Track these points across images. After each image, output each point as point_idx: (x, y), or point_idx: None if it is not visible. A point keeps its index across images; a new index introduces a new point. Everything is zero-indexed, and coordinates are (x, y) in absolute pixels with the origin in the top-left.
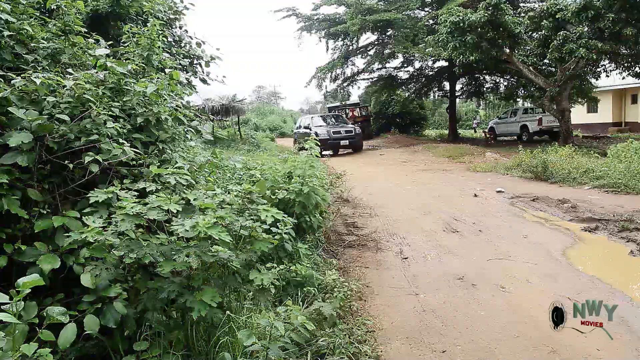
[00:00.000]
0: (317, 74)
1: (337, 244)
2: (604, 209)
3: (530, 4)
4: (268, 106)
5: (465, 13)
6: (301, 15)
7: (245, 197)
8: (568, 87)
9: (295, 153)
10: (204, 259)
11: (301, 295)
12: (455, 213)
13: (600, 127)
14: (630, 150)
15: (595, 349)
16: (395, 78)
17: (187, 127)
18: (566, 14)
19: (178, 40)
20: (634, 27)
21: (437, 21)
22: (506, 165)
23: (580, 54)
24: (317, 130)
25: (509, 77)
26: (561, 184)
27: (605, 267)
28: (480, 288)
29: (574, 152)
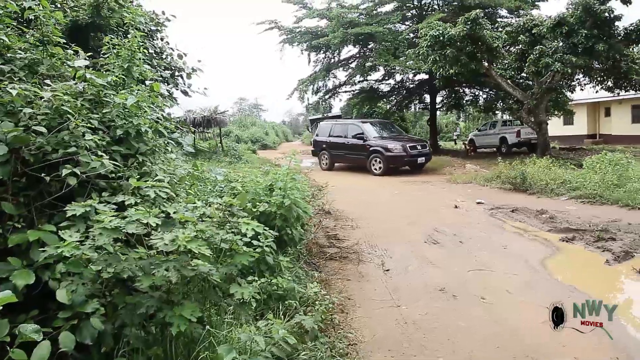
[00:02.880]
0: (299, 86)
1: (319, 257)
2: (580, 220)
3: (507, 19)
4: (250, 118)
5: (444, 27)
6: (283, 28)
7: (226, 210)
8: (545, 100)
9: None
10: (183, 273)
11: (283, 309)
12: (436, 224)
13: (576, 139)
14: (605, 162)
15: (573, 357)
16: (377, 90)
17: (167, 139)
18: (542, 30)
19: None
20: (606, 43)
21: (417, 35)
22: (486, 176)
23: (556, 68)
24: (388, 145)
25: (488, 90)
26: (539, 195)
27: (583, 277)
28: (461, 299)
29: (552, 164)
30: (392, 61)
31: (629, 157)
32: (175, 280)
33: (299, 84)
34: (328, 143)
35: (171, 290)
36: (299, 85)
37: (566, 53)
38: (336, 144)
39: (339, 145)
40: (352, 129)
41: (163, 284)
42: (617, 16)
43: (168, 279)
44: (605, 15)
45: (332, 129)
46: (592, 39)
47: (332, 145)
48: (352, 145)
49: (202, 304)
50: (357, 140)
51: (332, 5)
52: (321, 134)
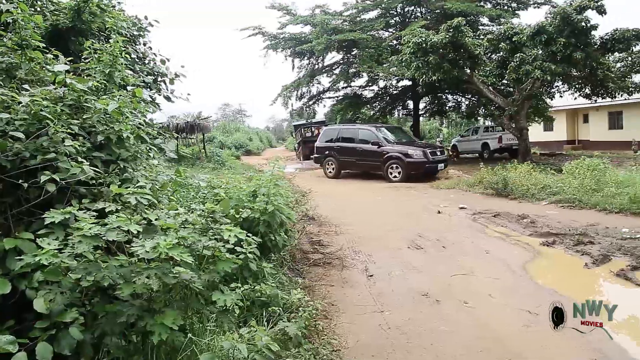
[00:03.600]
0: (283, 92)
1: (303, 263)
2: (560, 224)
3: (488, 27)
4: (234, 124)
5: (427, 34)
6: (267, 33)
7: (208, 216)
8: (525, 106)
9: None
10: (165, 281)
11: (266, 315)
12: (419, 230)
13: (556, 144)
14: (583, 167)
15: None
16: (361, 97)
17: (149, 145)
18: (522, 38)
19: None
20: (583, 51)
21: (400, 42)
22: (468, 182)
23: (536, 75)
24: (408, 150)
25: (470, 97)
26: (521, 200)
27: (563, 280)
28: (444, 304)
29: (532, 169)
30: (376, 67)
31: (606, 163)
32: (157, 288)
33: (283, 90)
34: (335, 149)
35: (152, 298)
36: (283, 91)
37: (545, 61)
38: (345, 150)
39: (348, 151)
40: (364, 134)
41: (144, 291)
42: (593, 25)
43: (149, 287)
44: (582, 25)
45: (338, 135)
46: (570, 48)
47: (340, 151)
48: (365, 151)
49: (184, 311)
50: (370, 146)
51: (316, 11)
52: (325, 140)
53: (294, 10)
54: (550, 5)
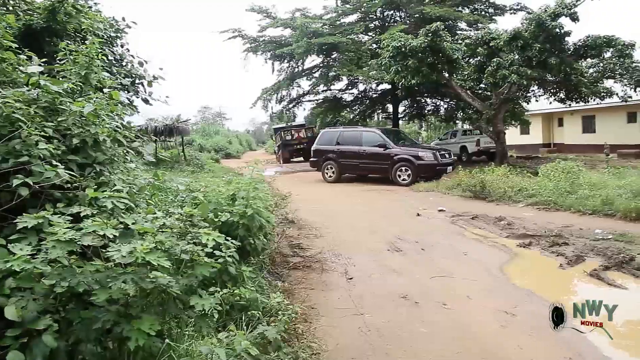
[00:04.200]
0: (262, 95)
1: (282, 266)
2: (536, 226)
3: (466, 32)
4: (213, 127)
5: (406, 39)
6: (247, 36)
7: (186, 220)
8: (502, 110)
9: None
10: (142, 286)
11: (245, 319)
12: (399, 232)
13: (532, 148)
14: (558, 170)
15: (530, 359)
16: (340, 100)
17: (127, 148)
18: (499, 43)
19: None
20: (557, 57)
21: (380, 45)
22: (447, 185)
23: (512, 79)
24: (419, 153)
25: (448, 100)
26: (498, 202)
27: (539, 281)
28: (423, 306)
29: (509, 172)
30: (355, 71)
31: (580, 165)
32: (133, 293)
33: (263, 93)
34: (336, 152)
35: (129, 304)
36: (263, 94)
37: (522, 65)
38: (347, 153)
39: (351, 154)
40: (369, 136)
41: (120, 297)
42: (566, 32)
43: (126, 292)
44: (557, 31)
45: (339, 137)
46: (545, 53)
47: (342, 154)
48: (370, 154)
49: (161, 316)
50: (377, 149)
51: (296, 15)
52: (324, 143)
53: (274, 13)
54: (526, 11)
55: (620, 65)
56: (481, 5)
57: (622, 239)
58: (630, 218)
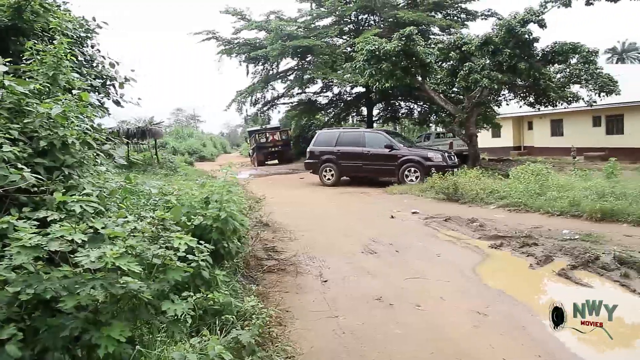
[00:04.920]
0: (237, 98)
1: (257, 269)
2: (507, 227)
3: (439, 36)
4: (187, 129)
5: (380, 42)
6: (221, 38)
7: (158, 224)
8: (474, 113)
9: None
10: (111, 291)
11: (219, 324)
12: (373, 235)
13: (503, 150)
14: (528, 172)
15: (502, 358)
16: (315, 103)
17: (97, 150)
18: (470, 47)
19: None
20: (527, 62)
21: (354, 49)
22: (421, 187)
23: (484, 83)
24: (428, 154)
25: (422, 104)
26: (470, 204)
27: (510, 281)
28: (398, 307)
29: (481, 174)
30: (330, 74)
31: (549, 168)
32: (103, 299)
33: (237, 96)
34: (336, 154)
35: (99, 310)
36: (237, 96)
37: (493, 70)
38: (349, 155)
39: (354, 156)
40: (373, 138)
41: (89, 303)
42: (535, 38)
43: (95, 298)
44: (526, 37)
45: (339, 139)
46: (515, 58)
47: (344, 156)
48: (375, 156)
49: (132, 322)
50: (382, 150)
51: (271, 17)
52: (320, 144)
53: (249, 15)
54: (497, 17)
55: (586, 71)
56: (453, 10)
57: (588, 238)
58: (595, 219)
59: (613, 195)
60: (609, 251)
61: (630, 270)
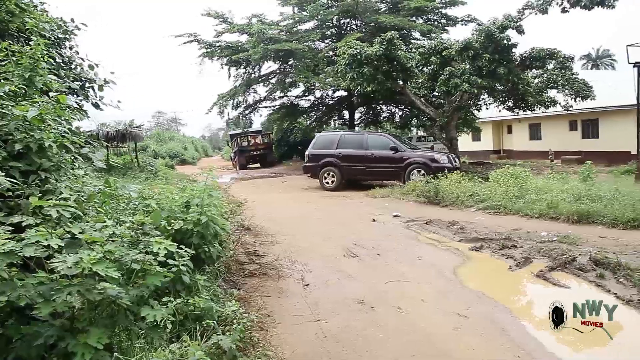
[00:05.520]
0: (218, 101)
1: (238, 274)
2: (487, 229)
3: (420, 41)
4: (168, 132)
5: (362, 46)
6: (203, 41)
7: (138, 228)
8: (455, 117)
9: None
10: (89, 298)
11: (200, 329)
12: (355, 238)
13: (483, 154)
14: (507, 175)
15: (482, 359)
16: (297, 106)
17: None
18: (451, 52)
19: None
20: (505, 67)
21: (336, 53)
22: (402, 190)
23: (464, 88)
24: (434, 156)
25: (403, 108)
26: (451, 207)
27: (490, 283)
28: (379, 310)
29: (462, 178)
30: (312, 78)
31: (528, 171)
32: (80, 306)
33: (219, 99)
34: (338, 156)
35: (75, 317)
36: (219, 99)
37: (473, 75)
38: (352, 157)
39: (357, 158)
40: (377, 140)
41: (66, 310)
42: (514, 44)
43: (71, 305)
44: (504, 43)
45: (340, 141)
46: (494, 63)
47: (346, 158)
48: (379, 158)
49: (110, 329)
50: (387, 153)
51: (253, 20)
52: (320, 147)
53: (230, 18)
54: (476, 23)
55: (562, 77)
56: (434, 16)
57: (566, 240)
58: (572, 221)
59: (589, 198)
60: (585, 252)
61: (605, 271)
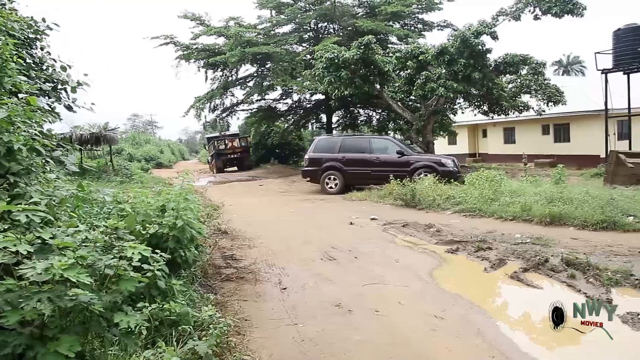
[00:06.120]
0: (195, 104)
1: (215, 278)
2: (463, 232)
3: (397, 45)
4: (144, 135)
5: (339, 50)
6: (179, 43)
7: (111, 233)
8: (431, 121)
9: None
10: (59, 305)
11: (175, 335)
12: (332, 241)
13: (459, 157)
14: (482, 178)
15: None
16: (275, 109)
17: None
18: (427, 57)
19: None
20: (480, 72)
21: (314, 56)
22: (379, 193)
23: (440, 92)
24: (442, 160)
25: (380, 111)
26: (428, 210)
27: (465, 285)
28: (356, 313)
29: (438, 181)
30: (290, 81)
31: (502, 174)
32: (50, 313)
33: (196, 102)
34: (341, 160)
35: (45, 325)
36: (196, 102)
37: (448, 79)
38: (356, 161)
39: (362, 162)
40: (381, 144)
41: (35, 318)
42: (488, 49)
43: (41, 312)
44: (479, 48)
45: (342, 145)
46: (469, 68)
47: (350, 162)
48: (385, 162)
49: (83, 336)
50: (393, 156)
51: (230, 23)
52: (321, 151)
53: (208, 21)
54: (452, 28)
55: (535, 82)
56: (410, 21)
57: (539, 242)
58: (545, 222)
59: (561, 200)
60: (557, 254)
61: (576, 272)
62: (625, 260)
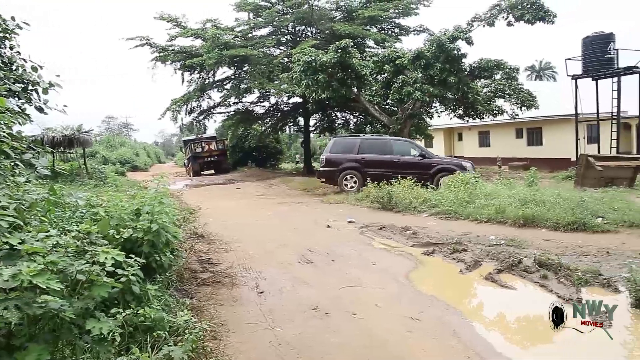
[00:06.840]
0: (171, 106)
1: (191, 282)
2: (439, 234)
3: (374, 49)
4: (119, 138)
5: (317, 54)
6: (155, 45)
7: (84, 238)
8: (408, 124)
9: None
10: (28, 312)
11: (150, 341)
12: (310, 244)
13: None
14: (458, 181)
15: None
16: (252, 112)
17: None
18: (403, 61)
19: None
20: (456, 76)
21: (291, 60)
22: (356, 196)
23: (417, 96)
24: (462, 163)
25: (357, 115)
26: (404, 213)
27: (442, 286)
28: (334, 316)
29: (414, 183)
30: (267, 84)
31: (477, 177)
32: (17, 321)
33: (172, 104)
34: (360, 161)
35: (12, 333)
36: (172, 105)
37: (424, 83)
38: (378, 163)
39: (382, 163)
40: (402, 146)
41: (1, 326)
42: (463, 54)
43: (7, 321)
44: (455, 53)
45: (360, 146)
46: (445, 72)
47: (369, 163)
48: (407, 164)
49: (53, 344)
50: (414, 158)
51: (207, 25)
52: (338, 152)
53: (184, 22)
54: (428, 33)
55: (509, 86)
56: (387, 25)
57: (513, 243)
58: (518, 224)
59: (534, 202)
60: (530, 255)
61: (548, 272)
62: (595, 261)
